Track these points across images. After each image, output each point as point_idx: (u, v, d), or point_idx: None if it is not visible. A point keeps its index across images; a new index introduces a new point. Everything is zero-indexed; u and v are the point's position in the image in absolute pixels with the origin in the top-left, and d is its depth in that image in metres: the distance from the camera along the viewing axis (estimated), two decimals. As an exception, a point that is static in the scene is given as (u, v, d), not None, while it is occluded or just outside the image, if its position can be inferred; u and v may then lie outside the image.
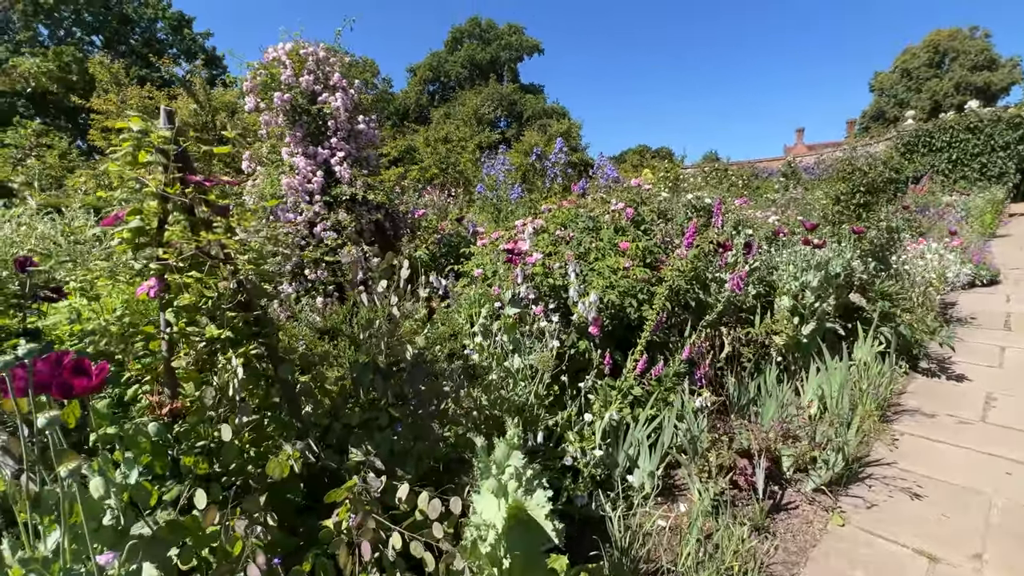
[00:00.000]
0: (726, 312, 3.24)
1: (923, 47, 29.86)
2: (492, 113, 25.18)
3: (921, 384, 3.41)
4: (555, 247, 2.96)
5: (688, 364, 2.58)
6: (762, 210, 7.91)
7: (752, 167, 22.34)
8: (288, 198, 3.18)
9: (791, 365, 3.20)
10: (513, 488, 0.94)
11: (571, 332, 2.57)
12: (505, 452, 1.02)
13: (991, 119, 15.13)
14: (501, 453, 1.02)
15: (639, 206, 3.33)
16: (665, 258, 3.00)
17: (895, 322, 3.50)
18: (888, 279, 4.22)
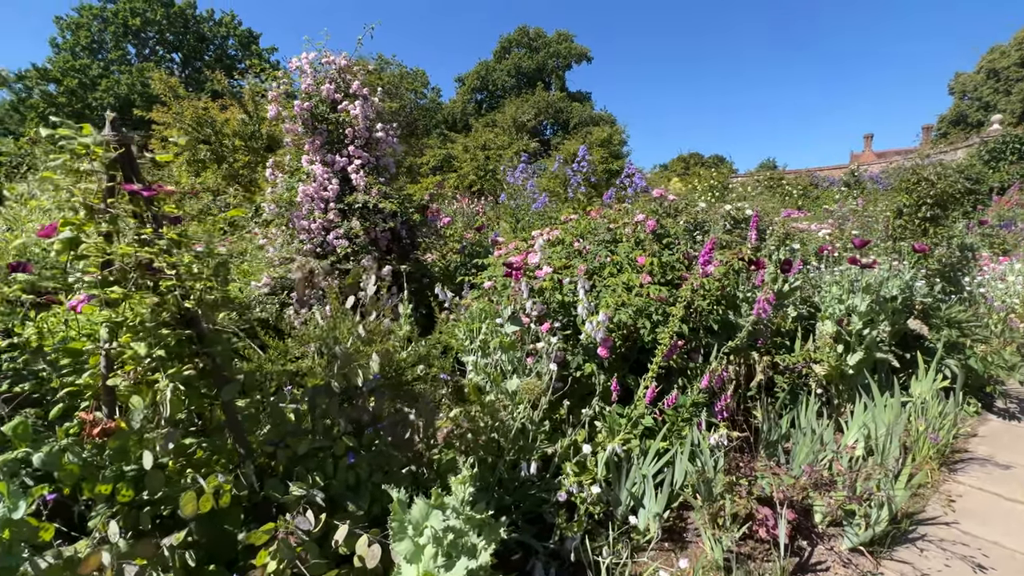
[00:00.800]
0: (758, 336, 2.94)
1: (1014, 44, 27.06)
2: (533, 120, 25.11)
3: (995, 427, 2.95)
4: (568, 260, 2.78)
5: (708, 393, 2.33)
6: (818, 223, 7.35)
7: (811, 176, 21.04)
8: (304, 205, 3.20)
9: (834, 399, 2.85)
10: (430, 555, 0.80)
11: (578, 353, 2.39)
12: (423, 511, 0.87)
13: (1096, 123, 13.41)
14: (419, 512, 0.88)
15: (664, 217, 3.10)
16: (689, 275, 2.75)
17: (964, 354, 3.05)
18: (958, 303, 3.73)
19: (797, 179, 17.49)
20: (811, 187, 17.94)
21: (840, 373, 2.74)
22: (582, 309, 2.36)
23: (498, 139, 10.12)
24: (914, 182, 4.07)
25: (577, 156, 5.29)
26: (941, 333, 3.08)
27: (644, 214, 2.84)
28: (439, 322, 2.51)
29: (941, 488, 2.36)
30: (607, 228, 2.96)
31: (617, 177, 13.92)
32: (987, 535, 2.02)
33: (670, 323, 2.12)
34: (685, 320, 2.48)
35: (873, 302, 2.64)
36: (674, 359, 2.40)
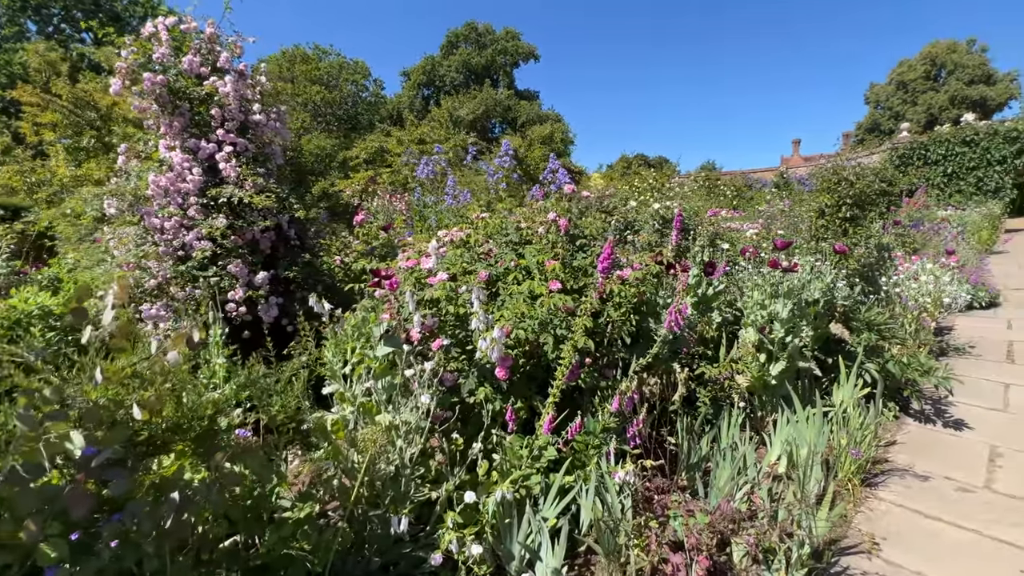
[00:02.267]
0: (681, 345, 2.71)
1: (920, 59, 29.66)
2: (471, 115, 24.66)
3: (913, 433, 2.89)
4: (471, 265, 2.43)
5: (620, 417, 2.05)
6: (750, 222, 7.43)
7: (745, 177, 21.96)
8: (155, 200, 2.64)
9: (757, 410, 2.67)
10: None
11: (472, 375, 2.04)
12: None
13: (987, 132, 14.77)
14: None
15: (580, 216, 2.81)
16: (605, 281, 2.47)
17: (883, 357, 2.98)
18: (876, 304, 3.71)
19: (732, 180, 18.15)
20: (745, 188, 18.67)
21: (763, 384, 2.56)
22: (476, 323, 2.01)
23: (434, 133, 9.63)
24: (835, 182, 4.04)
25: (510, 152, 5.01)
26: (861, 336, 2.99)
27: (557, 212, 2.54)
28: (302, 340, 2.08)
29: (864, 506, 2.21)
30: (516, 228, 2.63)
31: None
32: (910, 564, 1.85)
33: (571, 338, 1.81)
34: (594, 333, 2.19)
35: (795, 307, 2.48)
36: (582, 378, 2.10)
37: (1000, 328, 4.93)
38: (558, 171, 3.72)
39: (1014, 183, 14.72)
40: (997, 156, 14.48)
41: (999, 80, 27.50)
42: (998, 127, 14.66)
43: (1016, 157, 14.20)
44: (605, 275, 1.74)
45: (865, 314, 3.06)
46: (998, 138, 14.50)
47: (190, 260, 2.54)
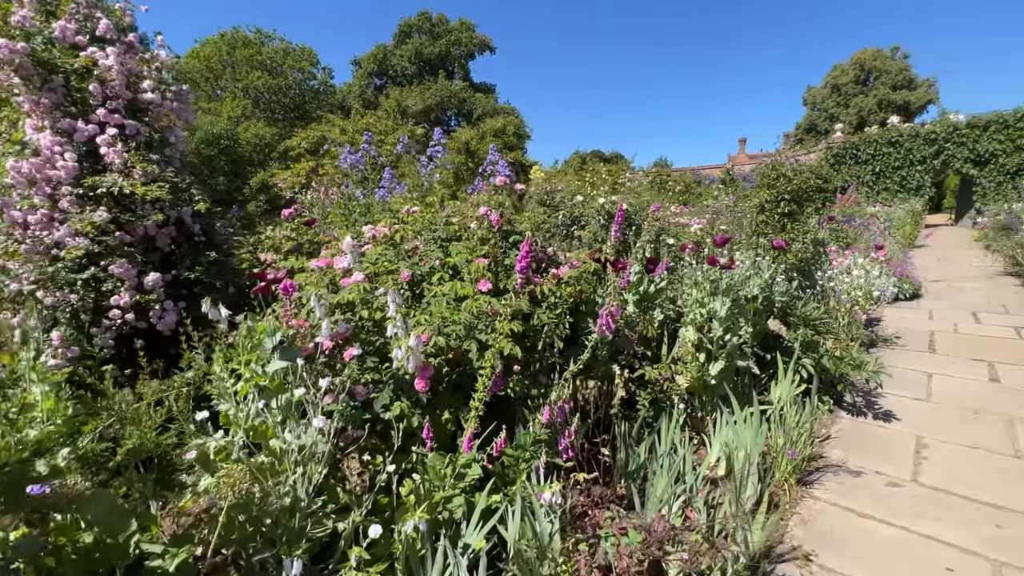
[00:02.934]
0: (622, 347, 2.60)
1: (850, 64, 31.58)
2: (422, 106, 24.03)
3: (846, 426, 2.92)
4: (392, 264, 2.20)
5: (551, 429, 1.90)
6: (698, 217, 7.53)
7: (695, 174, 22.60)
8: (15, 189, 2.25)
9: (697, 411, 2.61)
10: None
11: (387, 387, 1.82)
12: None
13: (910, 134, 15.86)
14: None
15: (520, 211, 2.64)
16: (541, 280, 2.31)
17: (818, 352, 3.00)
18: (813, 299, 3.77)
19: (682, 176, 18.62)
20: (695, 184, 19.20)
21: (703, 384, 2.49)
22: (393, 329, 1.80)
23: (381, 124, 9.20)
24: (774, 178, 4.08)
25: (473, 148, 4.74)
26: (798, 332, 3.00)
27: (489, 206, 2.35)
28: (185, 354, 1.79)
29: (800, 507, 2.18)
30: (446, 223, 2.42)
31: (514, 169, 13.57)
32: (843, 568, 1.81)
33: (493, 345, 1.63)
34: (525, 337, 2.02)
35: (734, 305, 2.41)
36: (511, 387, 1.93)
37: (923, 319, 5.20)
38: (498, 163, 3.54)
39: (932, 182, 15.92)
40: (918, 156, 15.58)
41: (919, 85, 29.73)
42: (919, 129, 15.76)
43: (935, 158, 15.32)
44: (523, 275, 1.57)
45: (802, 310, 3.08)
46: (919, 139, 15.59)
47: (57, 260, 2.17)
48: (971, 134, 14.75)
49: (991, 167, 14.40)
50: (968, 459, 2.50)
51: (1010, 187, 13.31)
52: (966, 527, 1.99)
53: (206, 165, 11.29)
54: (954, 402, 3.16)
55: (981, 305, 5.62)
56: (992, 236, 10.75)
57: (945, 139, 15.14)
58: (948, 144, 15.12)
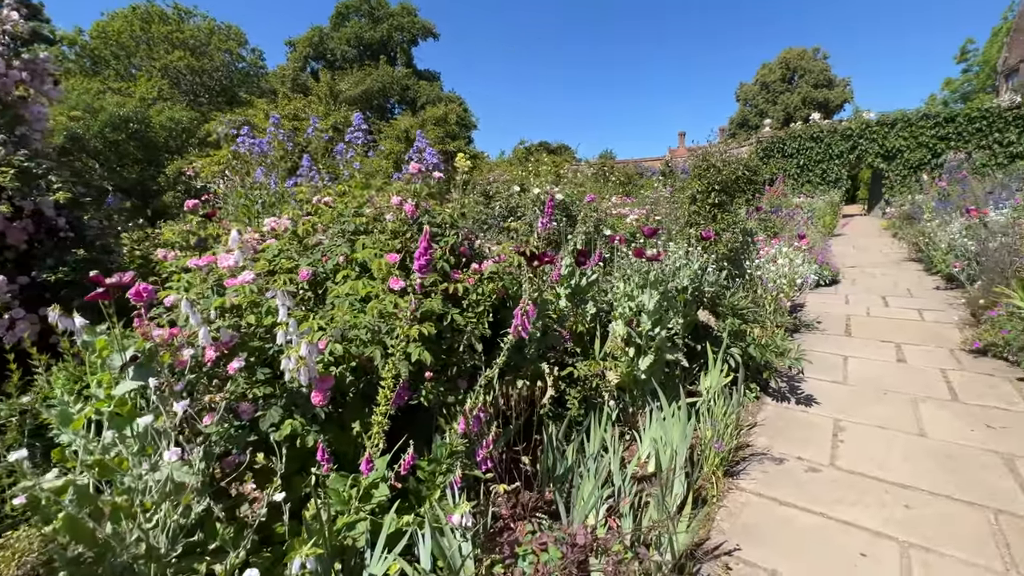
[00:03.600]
0: (552, 344, 2.49)
1: (777, 63, 33.50)
2: (355, 90, 22.97)
3: (771, 412, 2.99)
4: (289, 261, 1.95)
5: (469, 439, 1.75)
6: (638, 208, 7.61)
7: (637, 165, 23.20)
8: None
9: (628, 407, 2.55)
10: None
11: (277, 403, 1.60)
12: None
13: (829, 130, 17.01)
14: None
15: (442, 201, 2.45)
16: (461, 275, 2.14)
17: (745, 341, 3.04)
18: (742, 288, 3.86)
19: (624, 168, 19.02)
20: (637, 176, 19.67)
21: (633, 378, 2.43)
22: (284, 336, 1.57)
23: (311, 109, 8.56)
24: (704, 168, 4.12)
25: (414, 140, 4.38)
26: (727, 322, 3.03)
27: (402, 196, 2.14)
28: (13, 378, 1.48)
29: (727, 499, 2.17)
30: (355, 214, 2.19)
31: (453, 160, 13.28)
32: (766, 561, 1.80)
33: (394, 352, 1.45)
34: (440, 338, 1.85)
35: (663, 298, 2.36)
36: (424, 395, 1.76)
37: (840, 303, 5.53)
38: (425, 150, 3.32)
39: (849, 175, 17.21)
40: (837, 151, 16.76)
41: (837, 84, 32.06)
42: (837, 126, 16.94)
43: (850, 152, 16.53)
44: (423, 273, 1.39)
45: (730, 300, 3.11)
46: (837, 135, 16.76)
47: None
48: (880, 131, 16.02)
49: (897, 161, 15.72)
50: (879, 440, 2.61)
51: (913, 180, 14.58)
52: (879, 509, 2.05)
53: (112, 151, 10.09)
54: (867, 384, 3.32)
55: (889, 289, 6.05)
56: (898, 225, 11.74)
57: (859, 135, 16.36)
58: (862, 140, 16.35)
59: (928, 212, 8.74)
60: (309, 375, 1.53)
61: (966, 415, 2.83)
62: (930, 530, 1.92)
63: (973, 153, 14.26)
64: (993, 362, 3.57)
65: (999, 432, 2.63)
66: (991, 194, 7.59)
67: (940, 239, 6.75)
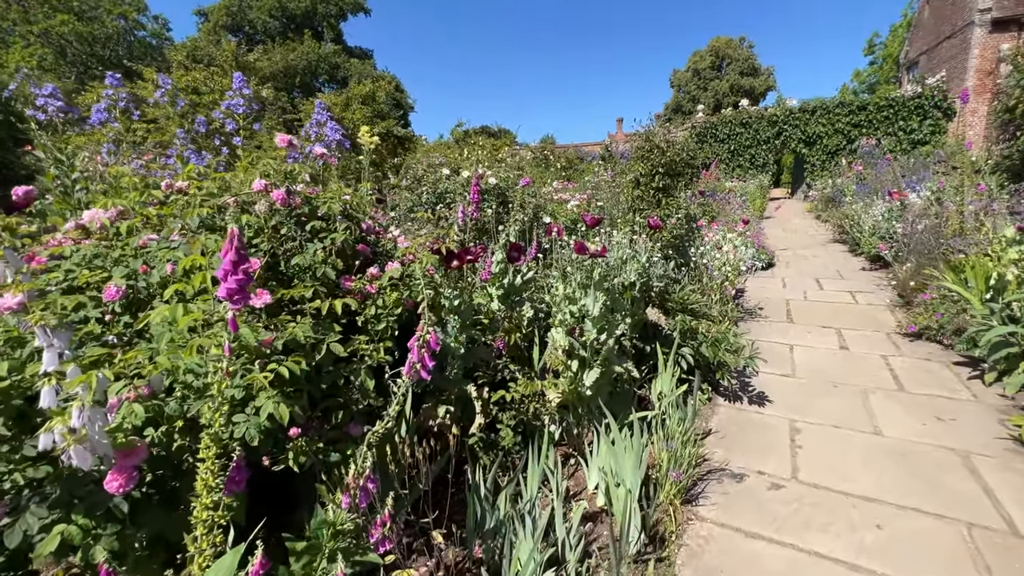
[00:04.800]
0: (480, 359, 2.07)
1: (708, 51, 34.62)
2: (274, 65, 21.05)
3: (725, 415, 2.75)
4: (92, 274, 1.37)
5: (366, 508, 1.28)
6: (580, 193, 7.29)
7: (578, 150, 23.14)
8: None
9: (573, 427, 2.19)
10: None
11: (34, 503, 1.05)
12: None
13: (757, 116, 17.67)
14: None
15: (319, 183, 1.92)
16: (352, 283, 1.64)
17: (696, 340, 2.77)
18: (688, 277, 3.61)
19: (565, 152, 18.84)
20: (577, 160, 19.55)
21: (578, 395, 2.06)
22: (48, 397, 1.02)
23: (213, 82, 7.45)
24: (648, 150, 3.82)
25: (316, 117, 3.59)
26: (676, 319, 2.74)
27: (267, 179, 1.60)
28: None
29: (686, 535, 1.86)
30: (201, 203, 1.62)
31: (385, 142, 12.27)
32: (737, 619, 1.50)
33: (213, 416, 0.95)
34: (317, 374, 1.36)
35: (609, 299, 2.00)
36: (293, 457, 1.27)
37: (778, 287, 5.52)
38: (326, 124, 2.74)
39: (775, 160, 18.02)
40: (764, 136, 17.46)
41: (761, 73, 33.66)
42: (764, 112, 17.63)
43: (776, 138, 17.28)
44: (235, 303, 0.89)
45: (680, 294, 2.83)
46: (764, 121, 17.45)
47: None
48: (803, 117, 16.84)
49: (817, 147, 16.63)
50: (837, 443, 2.42)
51: (832, 164, 15.45)
52: (850, 533, 1.82)
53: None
54: (816, 375, 3.19)
55: (821, 271, 6.17)
56: (821, 207, 12.37)
57: (784, 121, 17.11)
58: (786, 126, 17.12)
59: (849, 195, 9.15)
60: (98, 451, 1.00)
61: (914, 407, 2.73)
62: (905, 555, 1.71)
63: (882, 139, 15.32)
64: (928, 346, 3.57)
65: (949, 425, 2.53)
66: (904, 178, 8.01)
67: (864, 221, 7.00)
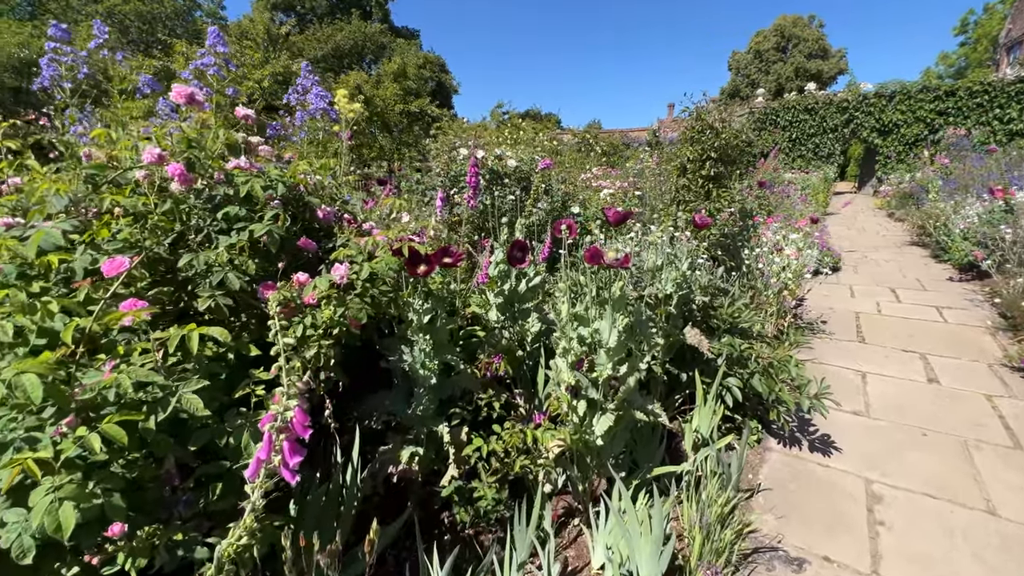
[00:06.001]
0: (463, 389, 1.63)
1: (772, 31, 32.08)
2: (320, 49, 20.82)
3: (778, 464, 2.20)
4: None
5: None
6: (620, 181, 6.66)
7: (624, 136, 22.08)
8: None
9: (579, 482, 1.71)
10: None
11: None
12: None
13: (825, 102, 16.09)
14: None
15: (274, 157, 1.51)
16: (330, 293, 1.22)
17: (747, 367, 2.21)
18: (738, 287, 3.01)
19: (609, 137, 17.94)
20: (623, 147, 18.61)
21: (584, 444, 1.58)
22: None
23: (245, 56, 7.29)
24: (698, 130, 3.20)
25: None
26: (722, 342, 2.19)
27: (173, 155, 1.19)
28: None
29: (720, 650, 1.36)
30: (87, 178, 1.24)
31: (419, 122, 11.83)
32: None
33: None
34: (143, 450, 0.95)
35: (633, 320, 1.49)
36: (138, 547, 0.87)
37: (845, 296, 4.77)
38: (311, 89, 2.33)
39: (842, 150, 16.40)
40: (831, 124, 15.89)
41: (832, 55, 30.91)
42: (833, 98, 16.02)
43: (845, 126, 15.69)
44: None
45: (728, 310, 2.26)
46: (832, 108, 15.86)
47: None
48: (878, 103, 15.17)
49: (893, 136, 14.95)
50: (933, 522, 1.83)
51: (912, 156, 13.86)
52: None
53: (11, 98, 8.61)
54: (897, 416, 2.55)
55: (898, 280, 5.32)
56: (895, 204, 11.06)
57: (855, 108, 15.48)
58: (857, 113, 15.49)
59: (933, 192, 8.00)
60: None
61: (1040, 474, 2.08)
62: None
63: (972, 130, 13.55)
64: (1050, 387, 2.83)
65: (1095, 507, 1.88)
66: (1008, 172, 6.85)
67: (953, 222, 6.00)
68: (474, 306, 2.02)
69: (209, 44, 2.39)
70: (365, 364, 1.59)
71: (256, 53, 7.83)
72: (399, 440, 1.52)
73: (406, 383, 1.56)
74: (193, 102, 1.32)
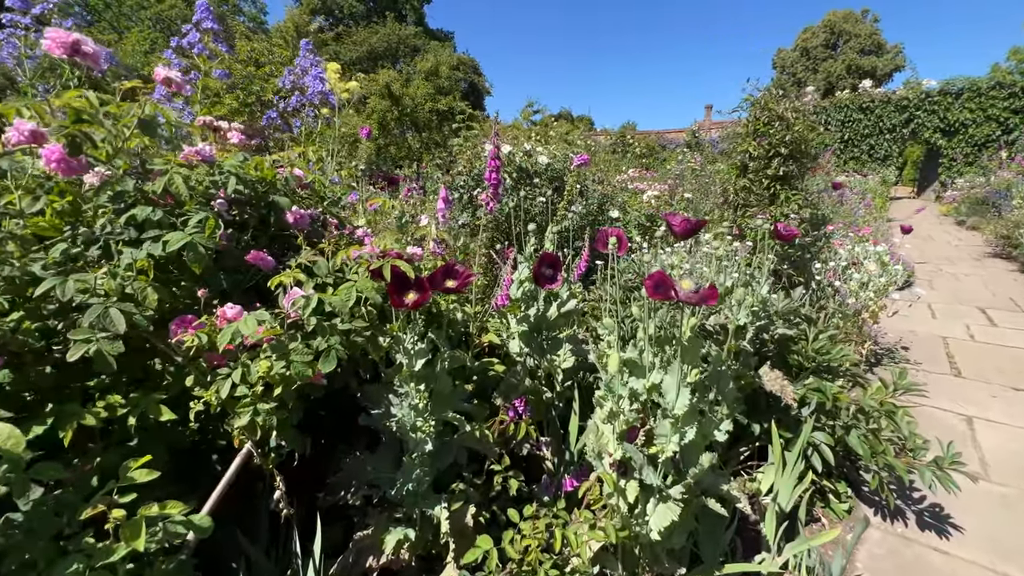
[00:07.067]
0: (459, 462, 1.22)
1: (821, 27, 30.40)
2: (355, 51, 20.99)
3: (879, 547, 1.70)
4: None
5: None
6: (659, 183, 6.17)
7: (660, 137, 21.35)
8: None
9: (622, 583, 1.28)
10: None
11: None
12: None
13: (881, 100, 14.97)
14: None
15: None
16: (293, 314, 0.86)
17: (839, 419, 1.73)
18: (808, 306, 2.51)
19: (645, 139, 17.28)
20: (659, 148, 17.90)
21: (635, 538, 1.15)
22: None
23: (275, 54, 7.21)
24: (764, 122, 2.71)
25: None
26: (807, 385, 1.71)
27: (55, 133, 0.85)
28: None
29: None
30: None
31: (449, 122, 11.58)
32: None
33: None
34: None
35: (709, 375, 1.06)
36: None
37: (926, 317, 4.13)
38: (310, 71, 2.00)
39: (899, 151, 15.19)
40: (888, 124, 14.76)
41: (887, 51, 29.00)
42: (891, 96, 14.87)
43: (904, 126, 14.54)
44: None
45: (812, 346, 1.78)
46: (890, 106, 14.73)
47: None
48: (942, 101, 13.96)
49: (960, 137, 13.71)
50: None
51: (985, 158, 12.64)
52: None
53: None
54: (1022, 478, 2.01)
55: (986, 298, 4.61)
56: (965, 211, 10.02)
57: (916, 106, 14.31)
58: (919, 112, 14.32)
59: (1019, 197, 7.11)
60: None
61: None
62: None
63: (1054, 129, 12.24)
64: None
65: None
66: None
67: (1052, 233, 5.22)
68: (492, 333, 1.62)
69: (196, 19, 2.09)
70: (340, 411, 1.22)
71: (285, 51, 7.73)
72: (383, 520, 1.14)
73: (395, 443, 1.19)
74: (170, 83, 0.98)
